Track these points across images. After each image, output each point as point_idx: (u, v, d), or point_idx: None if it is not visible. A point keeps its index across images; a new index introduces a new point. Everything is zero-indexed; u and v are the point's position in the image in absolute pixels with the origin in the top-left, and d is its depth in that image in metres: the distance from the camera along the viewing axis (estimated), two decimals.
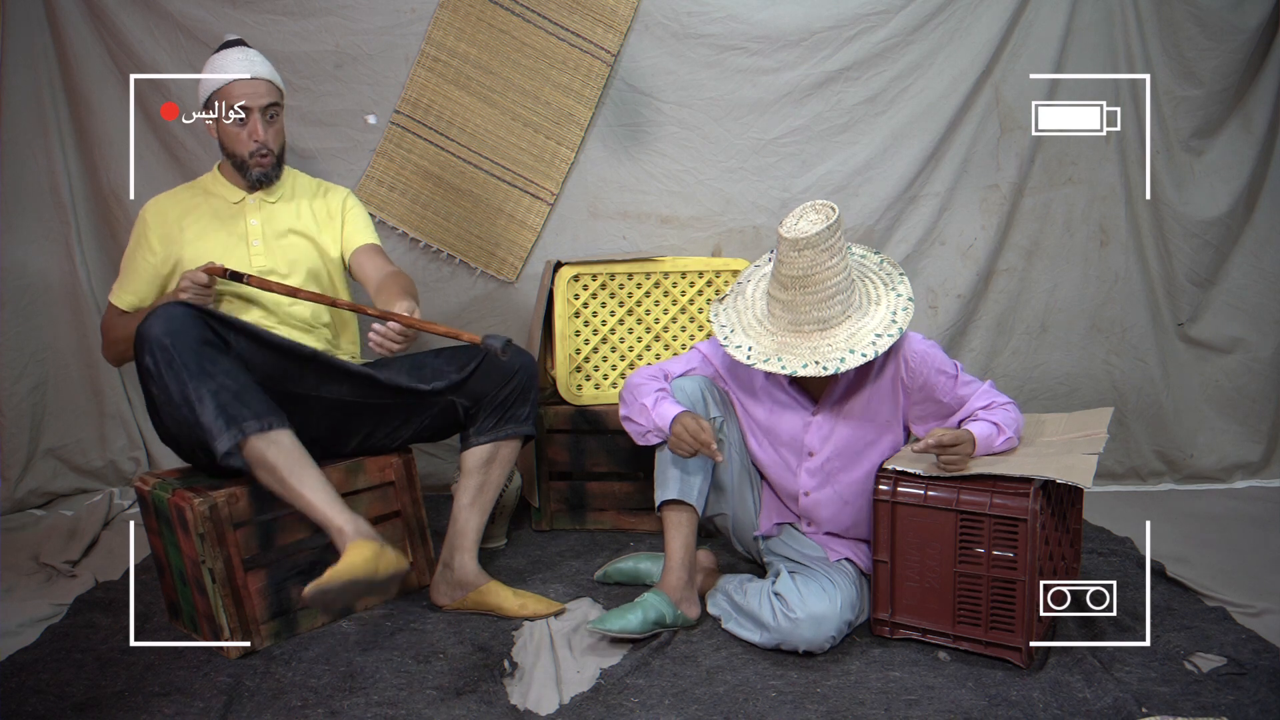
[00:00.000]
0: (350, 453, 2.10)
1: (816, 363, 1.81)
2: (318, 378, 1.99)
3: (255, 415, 1.77)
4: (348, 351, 2.28)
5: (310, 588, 1.66)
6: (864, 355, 1.80)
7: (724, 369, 2.08)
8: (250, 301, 2.11)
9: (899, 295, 1.89)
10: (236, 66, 2.10)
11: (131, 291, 2.14)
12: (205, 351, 1.77)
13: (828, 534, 2.08)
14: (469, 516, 2.09)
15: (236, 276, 1.97)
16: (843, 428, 1.99)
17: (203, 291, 1.94)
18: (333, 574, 1.67)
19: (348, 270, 2.28)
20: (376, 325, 1.88)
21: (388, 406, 2.07)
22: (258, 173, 2.13)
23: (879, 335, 1.83)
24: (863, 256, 1.99)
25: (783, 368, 1.83)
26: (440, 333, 1.86)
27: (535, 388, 2.14)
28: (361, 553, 1.70)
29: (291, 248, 2.18)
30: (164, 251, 2.11)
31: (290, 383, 1.95)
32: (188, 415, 1.75)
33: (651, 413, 1.93)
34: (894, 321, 1.84)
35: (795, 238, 1.78)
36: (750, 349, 1.88)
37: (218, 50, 2.16)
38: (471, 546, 2.09)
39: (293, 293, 1.99)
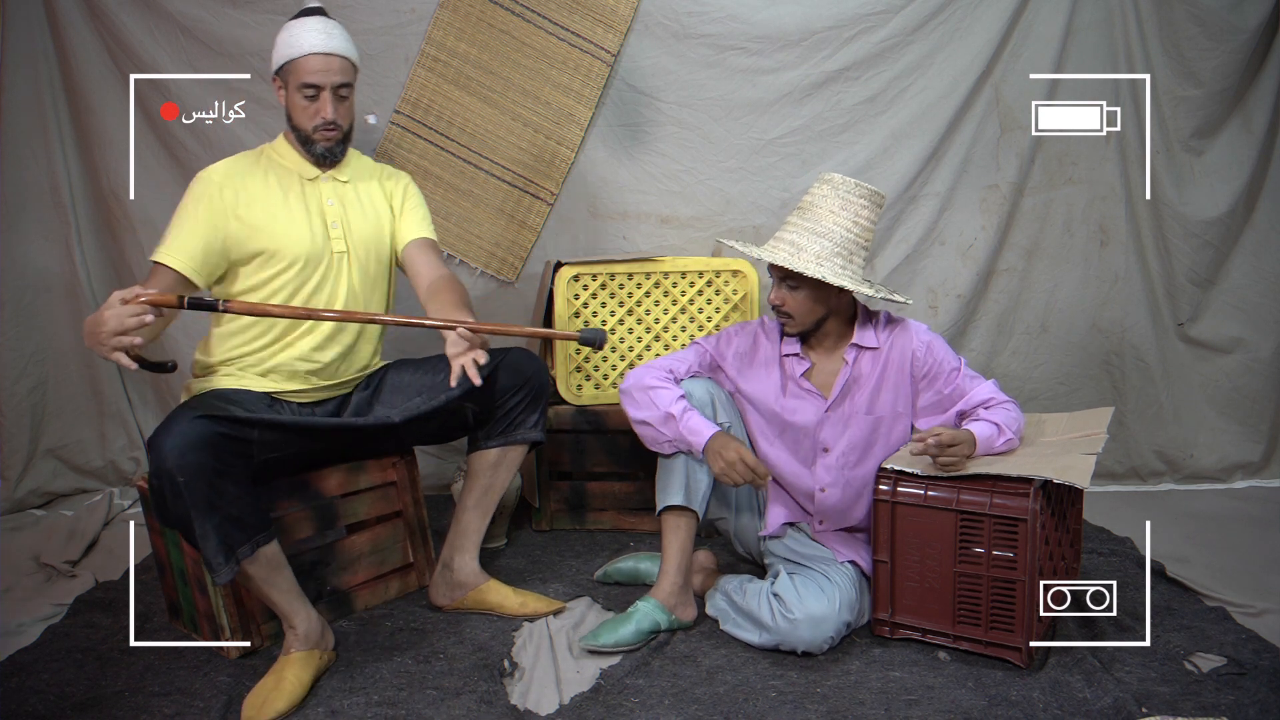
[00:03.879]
0: (356, 456, 2.10)
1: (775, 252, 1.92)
2: (340, 438, 1.99)
3: (249, 538, 1.73)
4: (365, 351, 2.12)
5: (246, 702, 1.70)
6: (809, 270, 1.86)
7: (732, 359, 2.08)
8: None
9: (868, 284, 1.97)
10: (312, 39, 1.97)
11: (182, 250, 1.88)
12: (216, 485, 1.68)
13: (838, 532, 2.07)
14: (471, 518, 2.09)
15: (205, 305, 1.70)
16: (857, 421, 2.00)
17: (132, 324, 1.58)
18: (275, 696, 1.70)
19: (398, 262, 2.15)
20: (461, 360, 1.76)
21: (402, 433, 2.06)
22: (322, 147, 2.01)
23: (825, 271, 1.88)
24: (865, 263, 1.98)
25: (758, 255, 1.94)
26: (536, 335, 1.83)
27: (546, 395, 2.12)
28: (290, 670, 1.75)
29: (365, 232, 2.06)
30: (234, 222, 1.92)
31: (311, 448, 1.94)
32: (187, 536, 1.72)
33: (680, 425, 1.91)
34: (845, 280, 1.88)
35: (827, 175, 1.96)
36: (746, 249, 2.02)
37: (295, 16, 2.03)
38: (473, 548, 2.09)
39: (310, 314, 1.85)
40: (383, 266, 2.10)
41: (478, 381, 1.76)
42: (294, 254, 1.95)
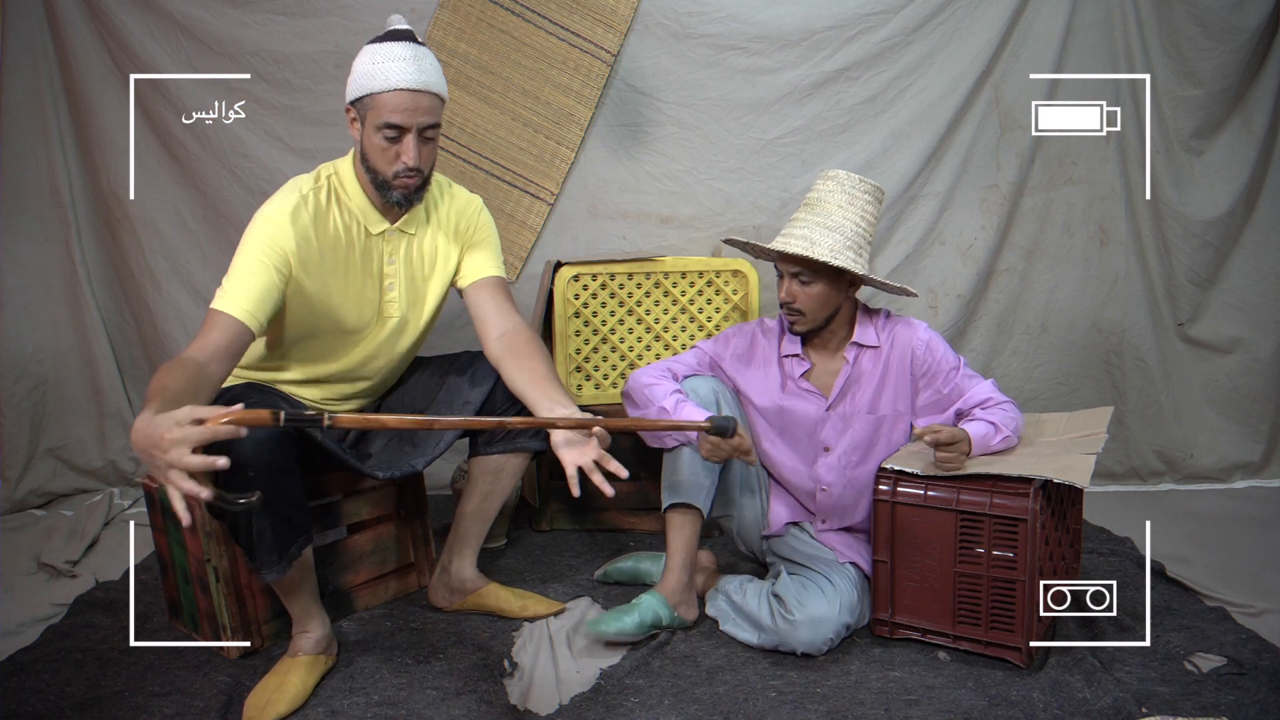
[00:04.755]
0: None
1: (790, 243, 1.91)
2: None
3: (296, 538, 1.70)
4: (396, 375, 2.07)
5: (247, 703, 1.69)
6: (831, 259, 1.87)
7: (730, 361, 2.09)
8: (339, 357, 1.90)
9: (873, 274, 1.99)
10: (401, 73, 1.70)
11: (248, 299, 1.66)
12: (280, 482, 1.62)
13: (840, 532, 2.07)
14: (471, 523, 2.08)
15: (307, 421, 1.34)
16: (858, 420, 2.00)
17: (186, 455, 1.27)
18: (260, 699, 1.69)
19: (460, 294, 1.98)
20: (583, 464, 1.55)
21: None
22: (399, 195, 1.78)
23: (845, 260, 1.89)
24: (870, 257, 1.99)
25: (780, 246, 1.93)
26: (663, 428, 1.68)
27: None
28: (294, 674, 1.74)
29: (425, 292, 1.92)
30: (293, 281, 1.75)
31: (335, 465, 1.91)
32: (237, 531, 1.68)
33: (674, 417, 1.92)
34: (858, 267, 1.90)
35: (830, 172, 1.97)
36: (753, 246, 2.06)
37: (380, 40, 1.75)
38: (471, 553, 2.08)
39: (428, 425, 1.48)
40: (437, 308, 1.97)
41: (610, 493, 1.53)
42: (338, 322, 1.84)
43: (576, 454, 1.58)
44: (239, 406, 1.30)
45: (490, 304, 1.91)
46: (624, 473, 1.56)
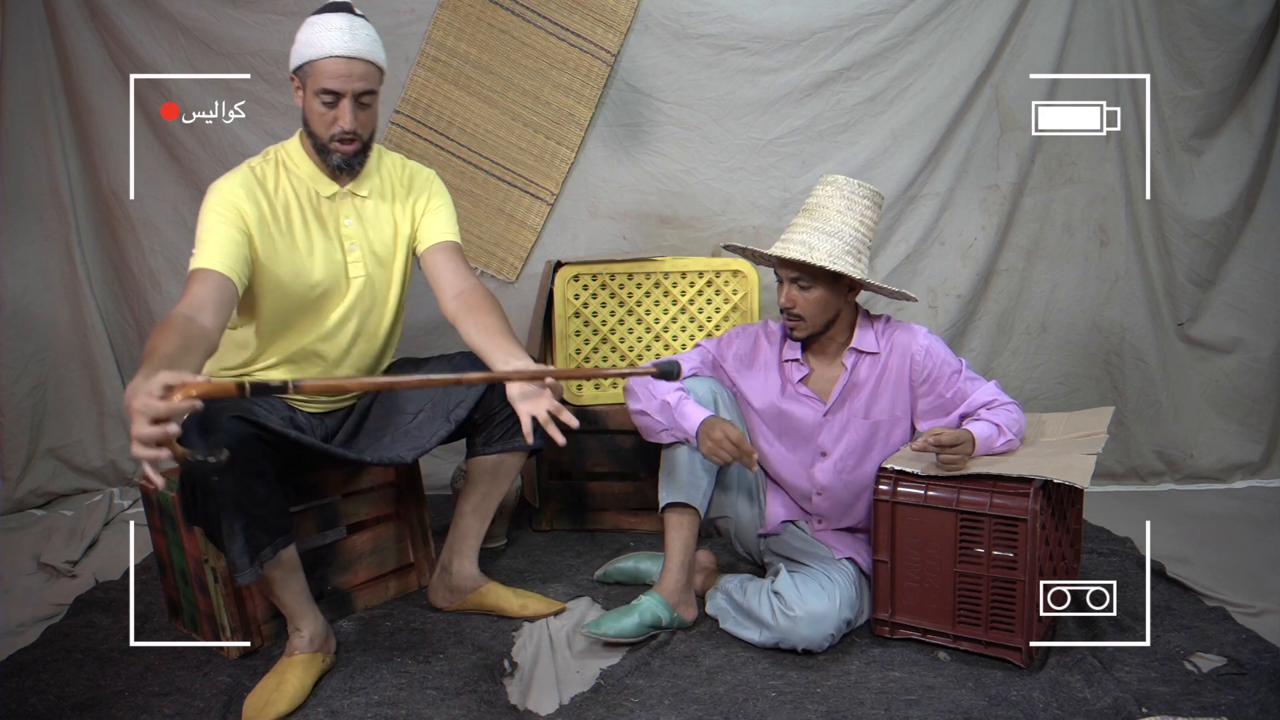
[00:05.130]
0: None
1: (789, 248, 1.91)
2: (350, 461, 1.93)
3: (272, 540, 1.70)
4: (378, 368, 2.09)
5: (246, 703, 1.69)
6: (829, 265, 1.86)
7: (732, 361, 2.09)
8: (312, 353, 1.93)
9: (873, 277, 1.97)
10: (335, 40, 1.79)
11: (220, 252, 1.74)
12: (247, 485, 1.64)
13: (836, 531, 2.08)
14: (470, 522, 2.08)
15: (272, 389, 1.37)
16: (855, 425, 2.00)
17: (155, 433, 1.29)
18: (260, 699, 1.69)
19: (417, 262, 2.03)
20: (537, 413, 1.64)
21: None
22: (339, 159, 1.87)
23: (844, 265, 1.89)
24: (869, 262, 1.99)
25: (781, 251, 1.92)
26: (611, 376, 1.69)
27: None
28: (292, 673, 1.74)
29: (382, 255, 1.96)
30: (253, 243, 1.81)
31: (322, 461, 1.91)
32: (212, 535, 1.70)
33: (674, 412, 1.92)
34: (857, 272, 1.90)
35: (829, 177, 1.97)
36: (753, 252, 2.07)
37: (319, 11, 1.85)
38: (471, 552, 2.08)
39: (390, 385, 1.69)
40: (403, 277, 2.02)
41: (562, 442, 1.62)
42: (308, 284, 1.88)
43: (531, 405, 1.67)
44: (203, 380, 1.33)
45: (446, 266, 1.96)
46: (575, 422, 1.64)
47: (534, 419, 1.67)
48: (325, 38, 1.79)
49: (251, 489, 1.65)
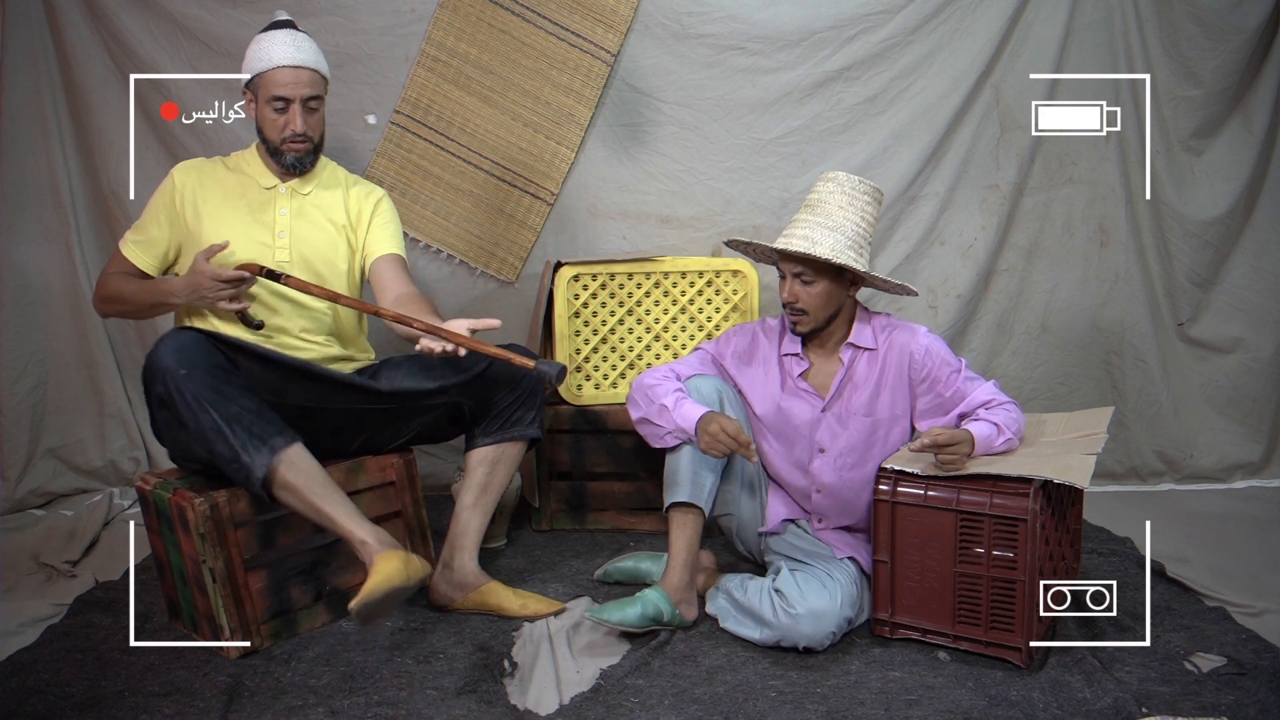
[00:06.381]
0: (353, 453, 2.10)
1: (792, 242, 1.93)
2: (322, 390, 1.97)
3: (279, 431, 1.76)
4: (362, 360, 2.21)
5: (355, 603, 1.64)
6: (833, 257, 1.88)
7: (731, 359, 2.09)
8: (271, 310, 2.06)
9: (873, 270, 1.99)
10: (281, 53, 2.01)
11: (143, 246, 2.06)
12: (219, 376, 1.75)
13: (837, 530, 2.08)
14: (470, 517, 2.08)
15: (274, 276, 1.87)
16: (853, 424, 2.01)
17: (223, 290, 1.88)
18: (372, 587, 1.66)
19: (365, 277, 2.19)
20: (428, 343, 1.80)
21: (392, 410, 2.06)
22: (291, 158, 2.06)
23: (847, 259, 1.90)
24: (870, 258, 2.00)
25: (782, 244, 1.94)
26: (492, 354, 1.79)
27: (542, 392, 2.12)
28: (392, 563, 1.70)
29: (317, 244, 2.10)
30: (180, 224, 2.06)
31: (295, 397, 1.94)
32: (214, 442, 1.73)
33: (673, 414, 1.93)
34: (860, 265, 1.91)
35: (829, 173, 1.99)
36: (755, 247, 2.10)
37: (265, 30, 2.06)
38: (472, 547, 2.08)
39: (334, 297, 1.90)
40: (339, 279, 2.12)
41: (438, 350, 1.77)
42: (232, 259, 1.98)
43: (428, 345, 1.79)
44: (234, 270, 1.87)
45: (389, 274, 2.11)
46: (497, 323, 1.82)
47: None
48: (273, 51, 2.01)
49: (223, 384, 1.74)
